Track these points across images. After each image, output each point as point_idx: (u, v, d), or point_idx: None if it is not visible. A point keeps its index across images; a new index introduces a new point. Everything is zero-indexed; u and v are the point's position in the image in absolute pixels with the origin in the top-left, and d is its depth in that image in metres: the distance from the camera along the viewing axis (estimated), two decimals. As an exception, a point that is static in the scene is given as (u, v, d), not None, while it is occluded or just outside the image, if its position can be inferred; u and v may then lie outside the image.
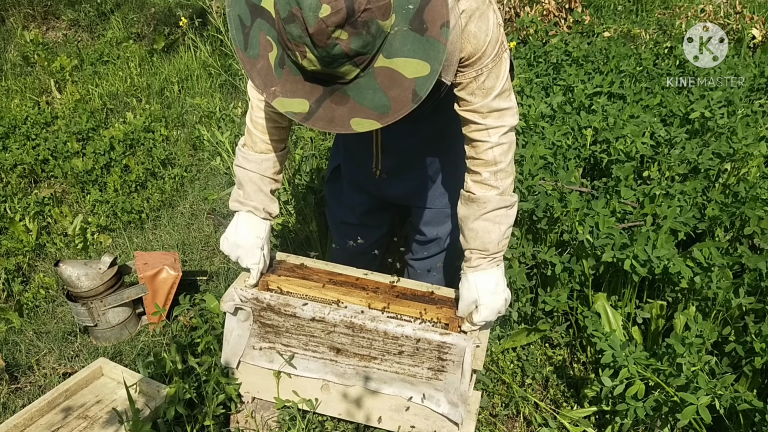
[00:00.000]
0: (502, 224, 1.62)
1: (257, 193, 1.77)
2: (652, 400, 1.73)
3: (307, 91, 1.28)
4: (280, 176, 1.81)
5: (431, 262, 2.19)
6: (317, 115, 1.29)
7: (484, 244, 1.63)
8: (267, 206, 1.79)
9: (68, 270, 2.37)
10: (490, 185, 1.59)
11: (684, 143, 2.61)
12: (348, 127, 1.29)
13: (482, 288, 1.66)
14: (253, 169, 1.75)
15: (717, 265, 1.98)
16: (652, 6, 5.71)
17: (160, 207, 3.50)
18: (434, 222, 2.08)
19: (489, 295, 1.65)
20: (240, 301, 1.73)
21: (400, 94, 1.27)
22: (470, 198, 1.62)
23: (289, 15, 1.15)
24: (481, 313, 1.66)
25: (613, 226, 2.09)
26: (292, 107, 1.29)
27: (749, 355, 1.84)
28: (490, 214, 1.61)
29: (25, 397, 2.22)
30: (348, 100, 1.27)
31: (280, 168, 1.79)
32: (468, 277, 1.68)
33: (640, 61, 3.63)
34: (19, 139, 3.99)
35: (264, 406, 1.89)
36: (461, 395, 1.66)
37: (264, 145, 1.74)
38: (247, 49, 1.29)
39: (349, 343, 1.70)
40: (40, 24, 5.80)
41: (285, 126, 1.74)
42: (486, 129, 1.55)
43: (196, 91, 4.82)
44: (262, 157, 1.74)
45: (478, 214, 1.62)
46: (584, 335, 2.24)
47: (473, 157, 1.60)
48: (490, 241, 1.63)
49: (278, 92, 1.29)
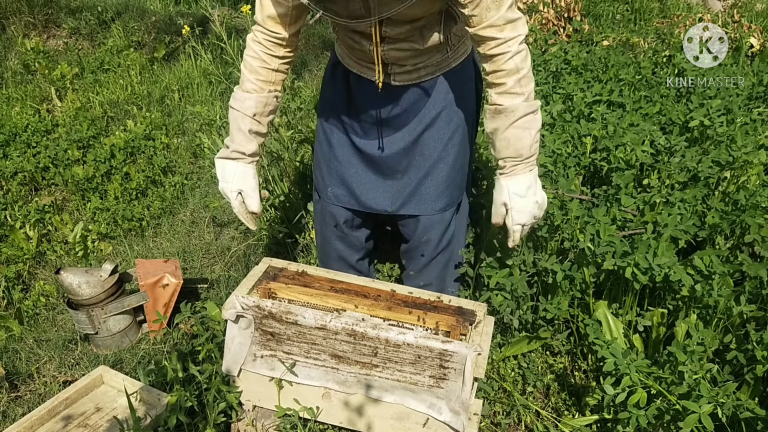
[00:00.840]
0: (531, 129, 1.68)
1: (237, 133, 1.83)
2: (654, 409, 1.73)
3: None
4: (263, 119, 1.85)
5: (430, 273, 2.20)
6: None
7: (517, 151, 1.69)
8: (243, 146, 1.84)
9: (69, 278, 2.37)
10: (515, 93, 1.64)
11: (684, 151, 2.61)
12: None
13: (513, 192, 1.72)
14: (236, 107, 1.82)
15: (718, 272, 1.98)
16: (651, 15, 5.74)
17: (161, 215, 3.50)
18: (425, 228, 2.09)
19: (518, 198, 1.72)
20: (241, 308, 1.73)
21: None
22: (497, 110, 1.67)
23: None
24: (513, 217, 1.74)
25: (613, 233, 2.09)
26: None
27: (751, 362, 1.84)
28: (520, 122, 1.66)
29: (25, 406, 2.22)
30: None
31: (263, 110, 1.83)
32: (501, 182, 1.75)
33: (639, 70, 3.64)
34: (19, 146, 4.00)
35: (265, 415, 1.89)
36: (463, 403, 1.66)
37: (250, 84, 1.79)
38: None
39: (351, 350, 1.70)
40: (40, 32, 5.82)
41: (274, 68, 1.78)
42: (505, 41, 1.59)
43: (197, 99, 4.83)
44: (245, 96, 1.80)
45: (507, 124, 1.66)
46: (585, 343, 2.24)
47: (495, 70, 1.64)
48: (522, 146, 1.68)
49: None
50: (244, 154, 1.85)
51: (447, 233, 2.13)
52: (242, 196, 1.89)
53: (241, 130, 1.82)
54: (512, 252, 2.04)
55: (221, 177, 1.89)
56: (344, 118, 1.99)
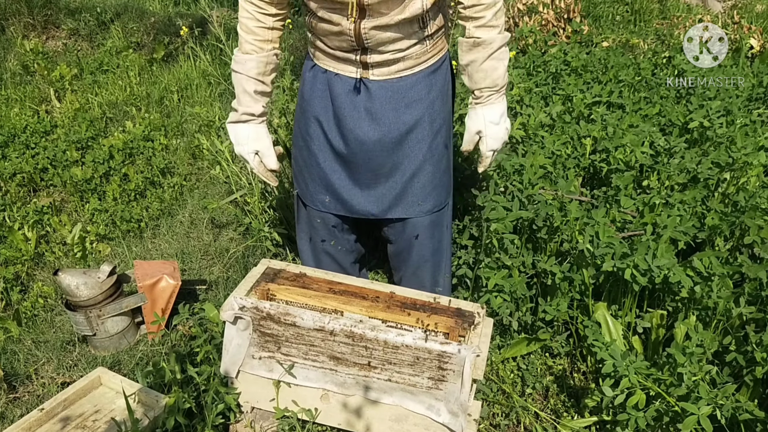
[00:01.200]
0: (504, 60, 1.81)
1: (243, 95, 1.88)
2: (653, 410, 1.72)
3: None
4: (266, 78, 1.89)
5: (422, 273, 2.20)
6: None
7: (494, 81, 1.81)
8: (251, 107, 1.89)
9: (67, 279, 2.36)
10: (492, 25, 1.74)
11: (683, 153, 2.61)
12: None
13: (489, 120, 1.85)
14: (239, 69, 1.85)
15: (717, 274, 1.98)
16: (650, 16, 5.74)
17: (160, 216, 3.50)
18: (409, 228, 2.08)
19: (493, 126, 1.85)
20: (239, 310, 1.72)
21: None
22: (476, 43, 1.76)
23: None
24: (488, 143, 1.88)
25: (613, 235, 2.09)
26: None
27: (750, 364, 1.83)
28: (496, 53, 1.77)
29: (23, 407, 2.21)
30: None
31: (265, 69, 1.86)
32: (477, 110, 1.87)
33: (638, 71, 3.64)
34: (18, 147, 3.99)
35: (263, 416, 1.88)
36: (461, 405, 1.66)
37: (248, 45, 1.82)
38: None
39: (349, 352, 1.70)
40: (40, 33, 5.82)
41: (269, 26, 1.81)
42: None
43: (196, 100, 4.83)
44: (246, 57, 1.83)
45: (486, 56, 1.77)
46: (584, 345, 2.23)
47: (474, 4, 1.73)
48: (498, 77, 1.80)
49: None
50: (254, 114, 1.90)
51: (436, 235, 2.11)
52: (259, 155, 1.95)
53: (247, 92, 1.86)
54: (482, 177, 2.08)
55: (235, 141, 1.94)
56: (323, 123, 1.95)
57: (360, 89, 1.86)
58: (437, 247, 2.14)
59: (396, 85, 1.86)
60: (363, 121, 1.89)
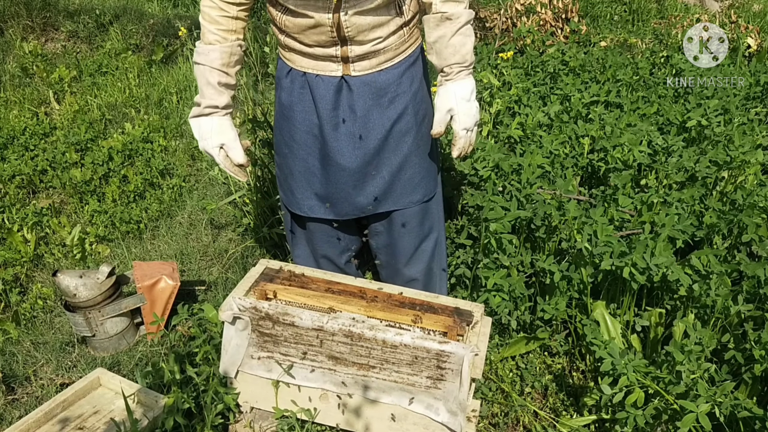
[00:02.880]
0: (470, 36, 1.78)
1: (207, 87, 1.79)
2: (651, 408, 1.73)
3: None
4: (230, 69, 1.81)
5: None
6: None
7: (462, 56, 1.78)
8: (215, 100, 1.81)
9: (66, 280, 2.36)
10: (458, 1, 1.74)
11: (681, 151, 2.62)
12: None
13: (460, 96, 1.80)
14: (201, 61, 1.78)
15: (715, 272, 1.98)
16: (648, 16, 5.75)
17: (159, 217, 3.50)
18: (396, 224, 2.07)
19: (464, 102, 1.80)
20: (238, 310, 1.73)
21: None
22: (444, 17, 1.74)
23: None
24: (460, 120, 1.81)
25: (611, 234, 2.09)
26: None
27: (749, 362, 1.84)
28: (463, 29, 1.75)
29: (22, 408, 2.21)
30: None
31: (229, 60, 1.79)
32: (447, 87, 1.81)
33: (636, 71, 3.65)
34: (17, 149, 3.99)
35: (263, 416, 1.88)
36: (460, 404, 1.66)
37: (211, 35, 1.76)
38: None
39: (348, 352, 1.70)
40: (39, 35, 5.82)
41: (233, 16, 1.76)
42: None
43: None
44: (209, 48, 1.77)
45: (453, 30, 1.75)
46: (583, 343, 2.24)
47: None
48: (467, 52, 1.78)
49: None
50: (218, 107, 1.81)
51: (426, 223, 2.09)
52: (225, 149, 1.84)
53: (210, 83, 1.78)
54: (457, 158, 2.02)
55: (198, 136, 1.84)
56: (306, 126, 1.92)
57: (342, 89, 1.84)
58: (427, 234, 2.11)
59: (379, 80, 1.84)
60: (349, 124, 1.87)
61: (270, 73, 3.38)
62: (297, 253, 2.25)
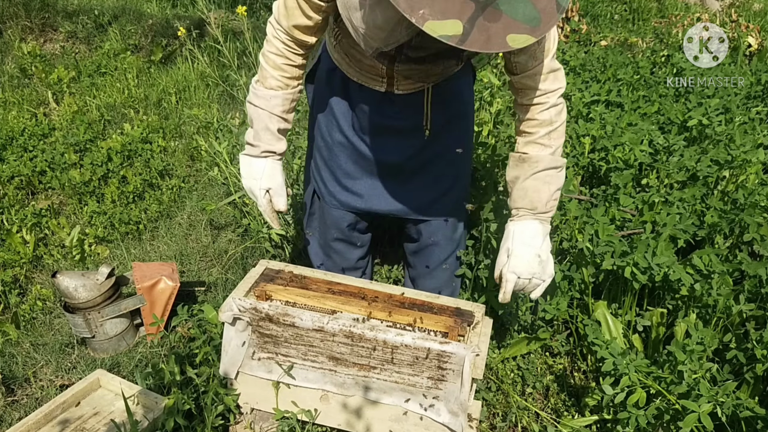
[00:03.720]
0: (551, 184, 1.64)
1: (264, 132, 1.76)
2: (653, 408, 1.72)
3: (458, 9, 1.20)
4: (289, 115, 1.79)
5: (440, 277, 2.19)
6: (472, 36, 1.21)
7: (532, 203, 1.65)
8: (273, 146, 1.78)
9: (65, 281, 2.36)
10: (543, 144, 1.62)
11: (682, 151, 2.61)
12: (504, 44, 1.22)
13: (518, 237, 1.66)
14: (262, 105, 1.74)
15: (717, 272, 1.97)
16: (649, 15, 5.75)
17: (158, 218, 3.49)
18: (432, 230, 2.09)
19: (521, 245, 1.64)
20: (238, 311, 1.72)
21: (547, 5, 1.24)
22: (522, 158, 1.64)
23: None
24: (511, 263, 1.64)
25: (612, 233, 2.09)
26: (445, 30, 1.20)
27: (750, 362, 1.83)
28: (541, 174, 1.62)
29: (21, 410, 2.20)
30: (501, 16, 1.21)
31: (289, 107, 1.77)
32: (508, 227, 1.70)
33: (637, 70, 3.64)
34: (16, 150, 3.98)
35: (263, 417, 1.88)
36: (461, 404, 1.65)
37: (274, 81, 1.72)
38: None
39: (349, 352, 1.69)
40: (37, 36, 5.81)
41: (297, 64, 1.72)
42: (545, 93, 1.58)
43: (194, 102, 4.83)
44: (271, 94, 1.73)
45: (529, 173, 1.63)
46: (585, 343, 2.23)
47: (529, 119, 1.61)
48: (538, 199, 1.64)
49: (427, 15, 1.20)
50: (274, 153, 1.80)
51: (455, 235, 2.13)
52: (270, 193, 1.83)
53: (269, 129, 1.76)
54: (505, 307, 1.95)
55: (247, 174, 1.82)
56: (344, 124, 1.94)
57: (385, 99, 1.83)
58: (456, 247, 2.15)
59: (421, 94, 1.83)
60: (386, 126, 1.87)
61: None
62: (309, 241, 2.27)
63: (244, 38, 4.24)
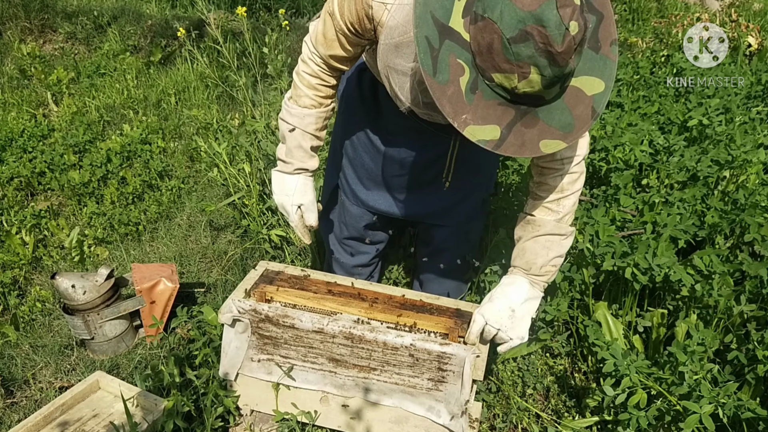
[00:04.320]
0: (551, 250, 1.63)
1: (297, 150, 1.78)
2: (654, 409, 1.71)
3: (498, 115, 1.22)
4: (322, 133, 1.80)
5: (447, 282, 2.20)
6: (508, 141, 1.24)
7: (527, 263, 1.64)
8: (306, 163, 1.80)
9: (65, 282, 2.35)
10: (550, 209, 1.61)
11: (682, 151, 2.60)
12: (537, 149, 1.25)
13: (501, 287, 1.66)
14: (295, 123, 1.75)
15: (718, 272, 1.97)
16: (648, 15, 5.75)
17: (158, 219, 3.48)
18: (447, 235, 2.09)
19: (500, 294, 1.64)
20: (238, 312, 1.71)
21: (583, 111, 1.25)
22: (527, 220, 1.64)
23: (521, 34, 1.10)
24: (483, 305, 1.65)
25: (613, 234, 2.08)
26: (484, 135, 1.23)
27: (752, 362, 1.82)
28: (542, 238, 1.61)
29: (20, 412, 2.20)
30: (537, 122, 1.24)
31: (322, 125, 1.78)
32: (501, 281, 1.69)
33: (637, 70, 3.64)
34: (15, 151, 3.98)
35: (263, 419, 1.87)
36: (462, 406, 1.65)
37: (308, 100, 1.72)
38: (436, 74, 1.22)
39: (349, 354, 1.69)
40: (37, 37, 5.81)
41: (331, 84, 1.72)
42: (560, 159, 1.55)
43: (193, 103, 4.82)
44: (305, 112, 1.73)
45: (530, 236, 1.63)
46: (585, 344, 2.22)
47: (540, 182, 1.61)
48: (534, 262, 1.63)
49: (469, 120, 1.23)
50: (307, 170, 1.82)
51: (469, 240, 2.14)
52: (301, 209, 1.84)
53: (302, 147, 1.77)
54: None
55: (279, 190, 1.84)
56: (370, 125, 1.93)
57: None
58: (466, 254, 2.16)
59: None
60: (410, 128, 1.85)
61: (269, 74, 3.36)
62: (325, 232, 2.28)
63: (244, 39, 4.23)
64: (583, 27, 1.13)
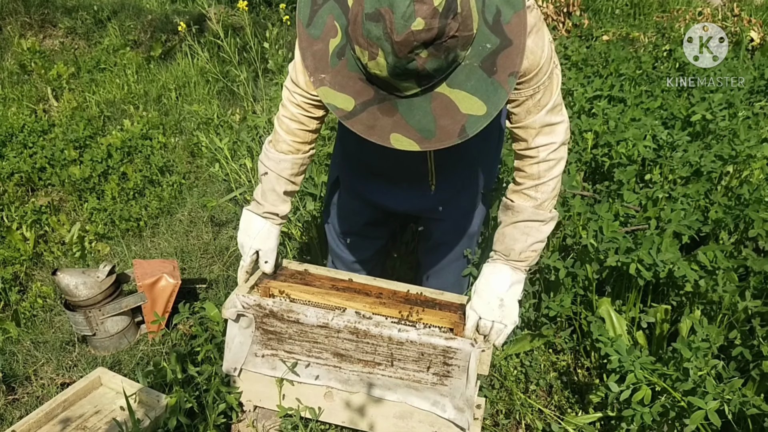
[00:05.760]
0: (530, 236, 1.62)
1: (271, 193, 1.78)
2: (658, 406, 1.71)
3: (357, 90, 1.22)
4: (297, 178, 1.80)
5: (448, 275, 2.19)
6: (359, 117, 1.24)
7: (507, 248, 1.64)
8: (277, 207, 1.80)
9: (66, 279, 2.34)
10: (528, 196, 1.60)
11: (686, 146, 2.60)
12: (386, 139, 1.25)
13: (484, 279, 1.67)
14: (271, 167, 1.75)
15: (722, 268, 1.96)
16: (650, 9, 5.73)
17: (159, 214, 3.48)
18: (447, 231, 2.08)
19: (485, 286, 1.65)
20: (242, 307, 1.71)
21: (449, 125, 1.23)
22: (506, 205, 1.64)
23: (375, 13, 1.09)
24: (473, 300, 1.66)
25: (616, 230, 2.08)
26: (336, 101, 1.23)
27: (756, 358, 1.82)
28: (521, 224, 1.61)
29: (22, 408, 2.19)
30: (395, 114, 1.23)
31: (299, 170, 1.78)
32: (482, 268, 1.70)
33: (639, 64, 3.63)
34: (16, 147, 3.97)
35: (266, 415, 1.87)
36: (467, 400, 1.64)
37: (285, 145, 1.73)
38: (309, 26, 1.22)
39: (353, 349, 1.68)
40: (37, 32, 5.79)
41: (311, 129, 1.71)
42: (535, 147, 1.53)
43: (194, 98, 4.81)
44: (281, 157, 1.74)
45: (509, 221, 1.63)
46: (589, 340, 2.22)
47: (518, 168, 1.60)
48: (512, 248, 1.63)
49: (327, 81, 1.22)
50: (277, 215, 1.81)
51: (467, 234, 2.12)
52: (258, 255, 1.84)
53: (276, 191, 1.77)
54: None
55: (244, 229, 1.84)
56: None
57: None
58: (465, 248, 2.15)
59: None
60: None
61: (270, 69, 3.35)
62: (328, 229, 2.27)
63: (245, 33, 4.22)
64: (436, 30, 1.09)
